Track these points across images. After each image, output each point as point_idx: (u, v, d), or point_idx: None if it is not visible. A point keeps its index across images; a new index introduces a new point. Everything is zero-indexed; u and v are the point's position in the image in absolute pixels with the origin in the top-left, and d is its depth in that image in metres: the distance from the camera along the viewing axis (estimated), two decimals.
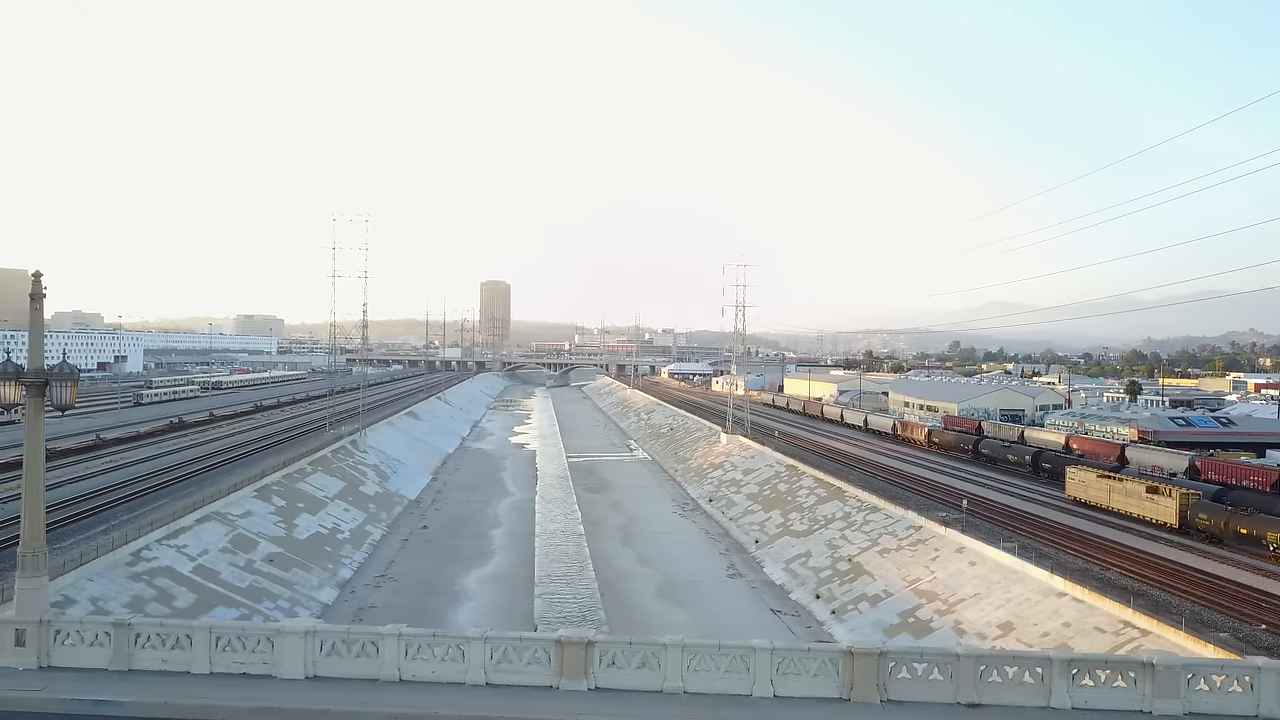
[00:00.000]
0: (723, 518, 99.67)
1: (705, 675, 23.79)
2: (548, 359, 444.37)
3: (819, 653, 24.35)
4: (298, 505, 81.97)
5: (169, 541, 57.76)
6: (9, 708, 21.17)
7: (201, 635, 23.98)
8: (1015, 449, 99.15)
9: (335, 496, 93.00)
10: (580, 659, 23.51)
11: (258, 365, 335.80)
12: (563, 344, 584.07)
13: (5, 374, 22.23)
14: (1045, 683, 23.31)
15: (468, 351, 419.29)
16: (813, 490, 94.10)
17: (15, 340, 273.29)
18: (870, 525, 76.10)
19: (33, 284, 23.80)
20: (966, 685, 23.04)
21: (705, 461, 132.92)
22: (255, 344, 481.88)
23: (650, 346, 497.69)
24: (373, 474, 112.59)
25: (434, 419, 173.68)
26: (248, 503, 75.94)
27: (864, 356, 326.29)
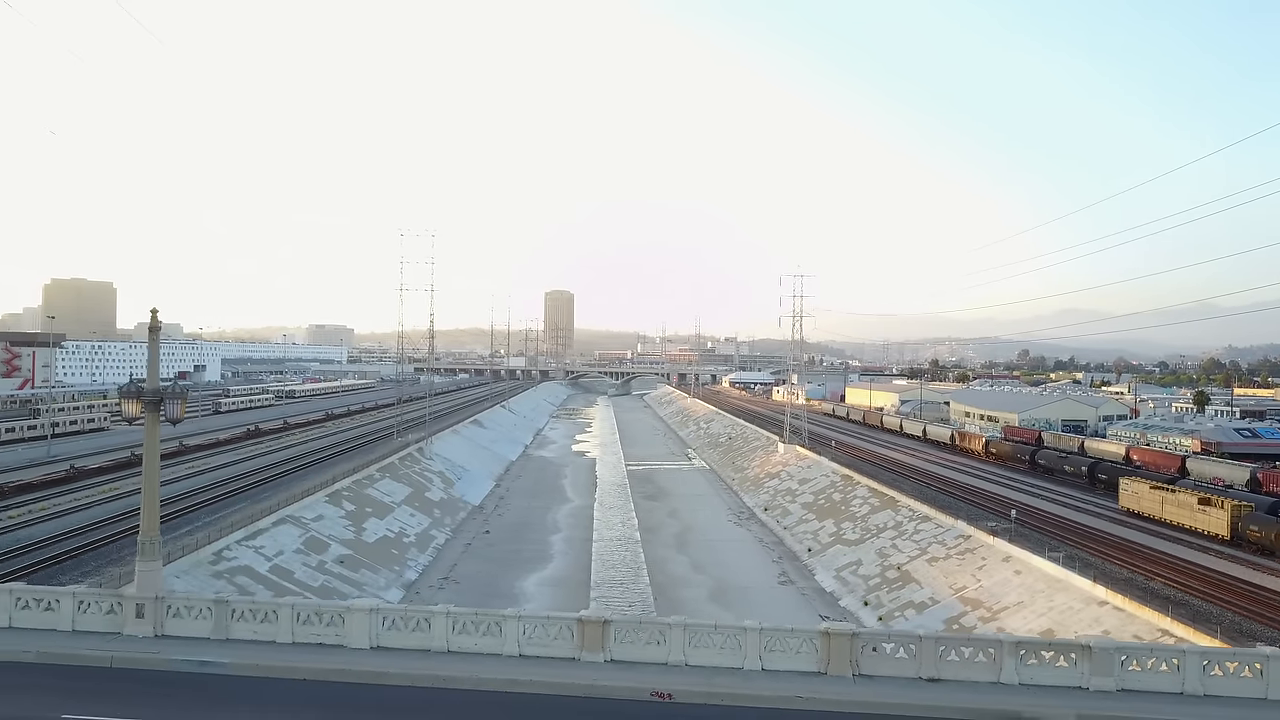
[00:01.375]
0: (777, 526, 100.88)
1: (704, 650, 27.10)
2: (610, 368, 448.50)
3: (800, 633, 27.40)
4: (366, 510, 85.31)
5: (248, 542, 61.27)
6: (133, 667, 25.43)
7: (285, 611, 28.20)
8: (1072, 460, 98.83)
9: (402, 502, 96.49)
10: (598, 635, 27.03)
11: (329, 374, 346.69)
12: (625, 352, 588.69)
13: (129, 393, 26.30)
14: (996, 662, 26.17)
15: (531, 360, 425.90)
16: (866, 500, 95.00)
17: (101, 351, 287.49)
18: (920, 534, 77.03)
19: (151, 319, 27.82)
20: (928, 663, 25.96)
21: (762, 471, 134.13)
22: (326, 353, 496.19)
23: (712, 355, 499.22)
24: (438, 480, 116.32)
25: (498, 427, 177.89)
26: (320, 507, 79.39)
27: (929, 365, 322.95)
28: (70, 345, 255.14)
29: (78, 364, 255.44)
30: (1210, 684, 25.47)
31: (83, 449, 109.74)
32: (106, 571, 42.29)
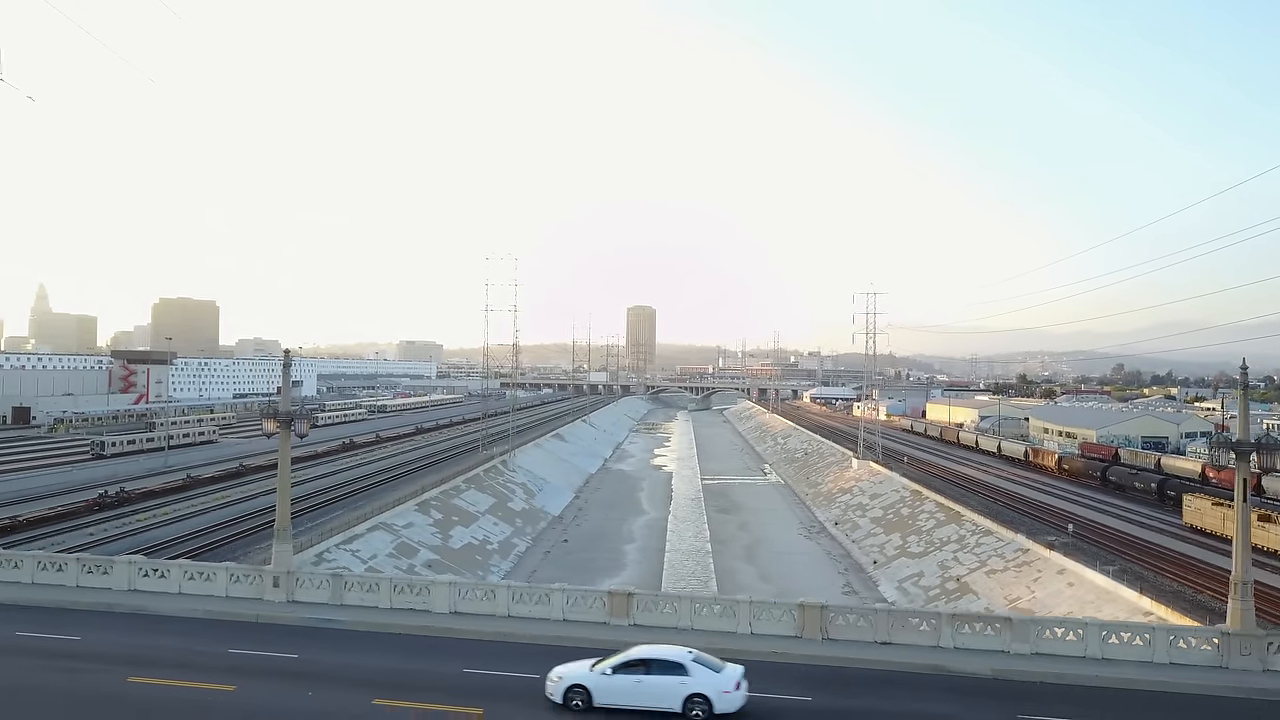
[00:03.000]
0: (845, 540, 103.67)
1: (707, 618, 33.11)
2: (690, 382, 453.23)
3: (781, 605, 33.05)
4: (453, 518, 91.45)
5: (345, 546, 67.66)
6: (272, 622, 32.57)
7: (385, 584, 35.53)
8: (1142, 476, 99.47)
9: (486, 511, 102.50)
10: (624, 605, 33.32)
11: (418, 389, 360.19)
12: (706, 367, 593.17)
13: (266, 413, 33.00)
14: (937, 630, 31.23)
15: (613, 375, 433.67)
16: (933, 514, 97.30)
17: (207, 368, 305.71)
18: (981, 548, 79.49)
19: (284, 355, 34.86)
20: (881, 630, 31.61)
21: (835, 486, 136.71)
22: (416, 369, 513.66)
23: (794, 369, 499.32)
24: (520, 491, 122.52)
25: (578, 441, 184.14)
26: (410, 515, 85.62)
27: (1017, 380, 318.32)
28: (179, 362, 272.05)
29: (186, 380, 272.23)
30: (1108, 650, 30.34)
31: (195, 460, 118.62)
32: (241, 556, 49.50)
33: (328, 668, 27.23)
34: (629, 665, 24.87)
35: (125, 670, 26.22)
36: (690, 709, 23.71)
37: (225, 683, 25.41)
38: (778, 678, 27.28)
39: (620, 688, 24.37)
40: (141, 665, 26.71)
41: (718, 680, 24.16)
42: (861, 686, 27.46)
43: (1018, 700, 25.67)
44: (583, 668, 25.23)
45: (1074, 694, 26.32)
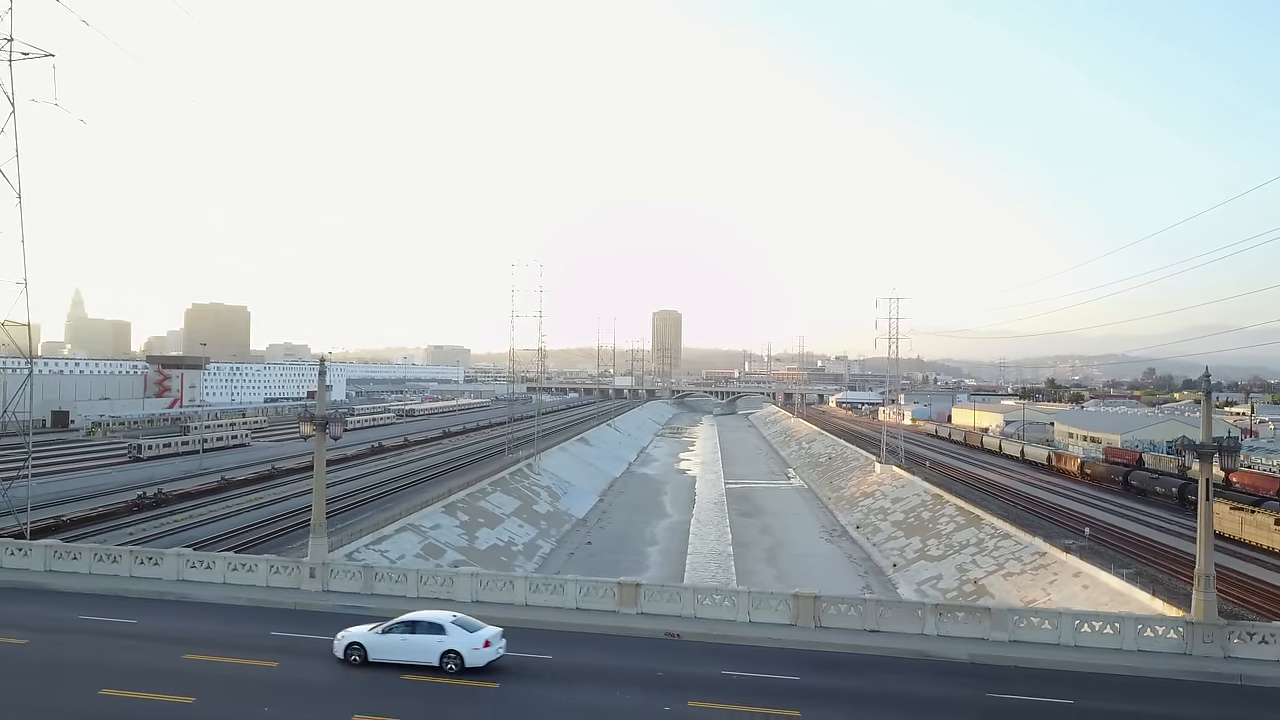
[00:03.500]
0: (866, 543, 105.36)
1: (709, 607, 35.55)
2: (716, 387, 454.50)
3: (778, 595, 35.80)
4: (479, 520, 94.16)
5: (374, 546, 70.36)
6: (308, 609, 35.71)
7: (412, 575, 38.47)
8: (1163, 481, 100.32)
9: (511, 514, 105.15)
10: (633, 594, 35.95)
11: (446, 394, 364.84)
12: (732, 371, 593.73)
13: (303, 417, 35.97)
14: (921, 619, 33.86)
15: (638, 380, 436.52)
16: (953, 518, 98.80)
17: (239, 372, 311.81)
18: (1000, 551, 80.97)
19: (320, 364, 37.90)
20: (870, 618, 34.28)
21: (858, 490, 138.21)
22: (444, 373, 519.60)
23: (821, 374, 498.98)
24: (545, 494, 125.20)
25: (603, 445, 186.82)
26: (437, 517, 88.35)
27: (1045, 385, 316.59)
28: (212, 367, 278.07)
29: (218, 384, 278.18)
30: (1080, 638, 32.63)
31: (229, 463, 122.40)
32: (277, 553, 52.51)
33: None
34: (397, 626, 28.95)
35: (180, 649, 29.24)
36: (445, 663, 27.68)
37: (269, 660, 28.40)
38: (771, 661, 29.74)
39: (388, 645, 28.36)
40: (194, 645, 29.72)
41: (470, 639, 28.11)
42: (849, 669, 29.89)
43: (992, 681, 27.95)
44: (362, 630, 29.22)
45: (1046, 677, 28.54)
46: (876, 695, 27.41)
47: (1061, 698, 26.35)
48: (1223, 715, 25.70)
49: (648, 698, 25.71)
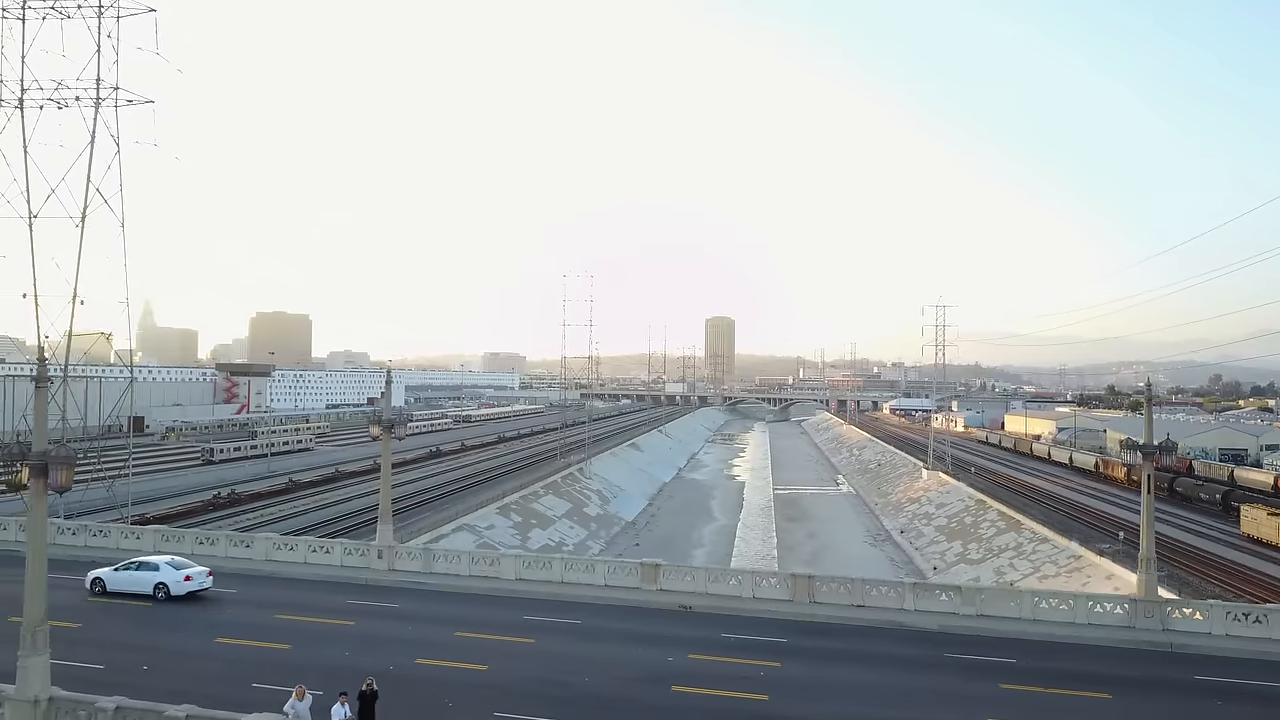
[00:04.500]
0: (909, 547, 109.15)
1: (719, 584, 40.95)
2: (769, 394, 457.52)
3: (778, 575, 41.33)
4: (531, 521, 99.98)
5: (432, 545, 76.96)
6: (377, 584, 42.11)
7: (465, 557, 45.01)
8: (1207, 487, 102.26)
9: (562, 516, 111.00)
10: (653, 573, 41.38)
11: (501, 400, 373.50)
12: (786, 378, 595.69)
13: (371, 420, 42.54)
14: (901, 596, 38.66)
15: (690, 386, 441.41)
16: (994, 523, 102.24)
17: (302, 379, 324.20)
18: (1037, 554, 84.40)
19: (387, 374, 44.39)
20: (857, 595, 39.38)
21: (904, 496, 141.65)
22: (500, 380, 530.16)
23: (876, 380, 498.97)
24: (595, 498, 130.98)
25: (654, 450, 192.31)
26: (491, 517, 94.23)
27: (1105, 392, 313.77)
28: (276, 374, 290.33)
29: (283, 391, 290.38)
30: (1039, 613, 37.23)
31: (295, 466, 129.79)
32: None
33: (421, 613, 36.52)
34: (128, 565, 39.45)
35: (273, 611, 35.90)
36: (157, 591, 37.84)
37: (347, 619, 34.77)
38: (766, 627, 35.40)
39: (119, 579, 38.65)
40: (284, 608, 36.34)
41: (175, 575, 38.35)
42: (831, 635, 35.42)
43: (952, 646, 33.11)
44: (105, 570, 39.39)
45: (1001, 643, 33.56)
46: (847, 652, 32.88)
47: (1008, 658, 31.43)
48: (1146, 674, 30.43)
49: (657, 651, 31.47)
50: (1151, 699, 27.90)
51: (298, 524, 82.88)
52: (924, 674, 30.08)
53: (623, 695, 26.86)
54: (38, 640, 22.61)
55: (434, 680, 27.55)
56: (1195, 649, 32.74)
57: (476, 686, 27.13)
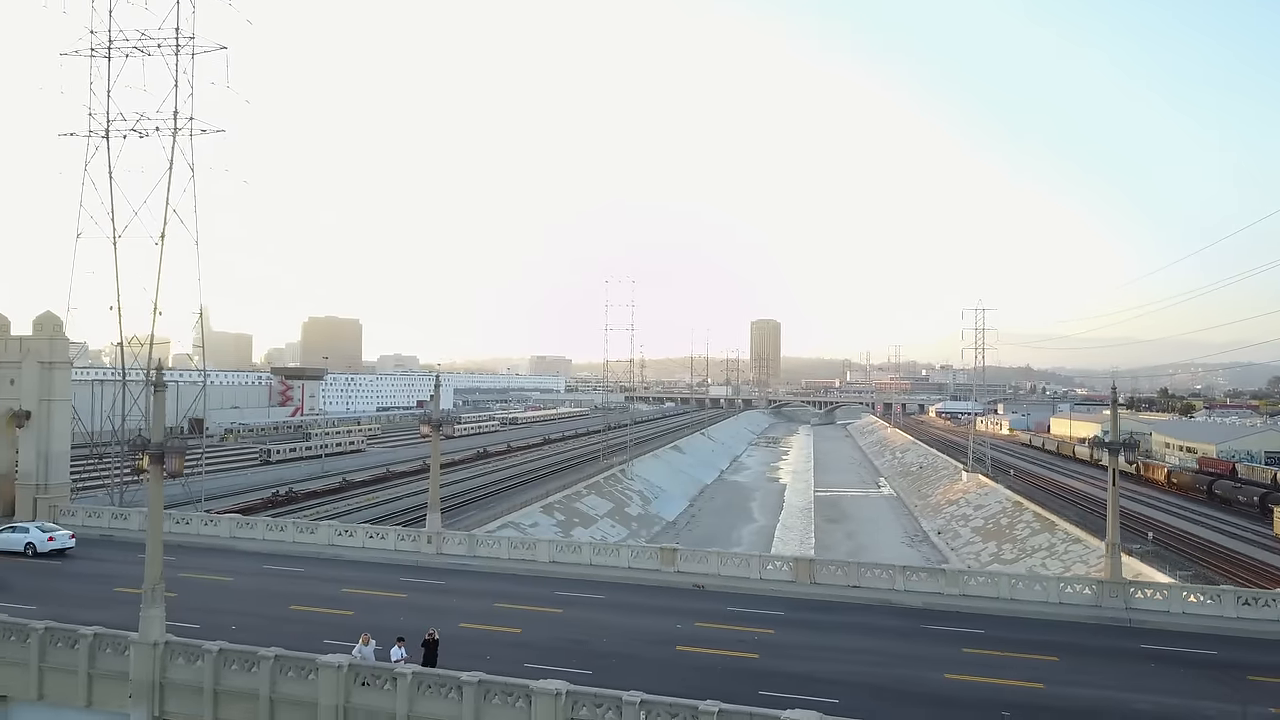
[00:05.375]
0: (945, 548, 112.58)
1: (731, 567, 45.75)
2: (814, 397, 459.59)
3: (783, 558, 46.17)
4: (574, 520, 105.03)
5: (476, 532, 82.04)
6: (426, 565, 47.71)
7: (504, 542, 50.75)
8: (1245, 490, 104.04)
9: (604, 515, 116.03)
10: (672, 557, 46.47)
11: (547, 403, 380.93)
12: (833, 381, 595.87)
13: (423, 420, 48.14)
14: (892, 578, 42.96)
15: (735, 390, 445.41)
16: (1029, 524, 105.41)
17: (353, 383, 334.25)
18: (1069, 554, 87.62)
19: (435, 378, 50.12)
20: (853, 576, 43.86)
21: (943, 498, 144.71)
22: (546, 383, 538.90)
23: (924, 383, 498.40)
24: (637, 498, 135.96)
25: (695, 453, 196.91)
26: (535, 515, 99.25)
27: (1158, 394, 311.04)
28: (329, 378, 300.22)
29: (335, 394, 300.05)
30: (1015, 593, 41.27)
31: (348, 466, 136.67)
32: None
33: (465, 589, 42.20)
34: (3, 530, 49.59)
35: (337, 586, 41.74)
36: (26, 549, 47.73)
37: (401, 593, 40.42)
38: (768, 603, 40.66)
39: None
40: (347, 584, 42.22)
41: (41, 536, 48.65)
42: (824, 609, 40.44)
43: (931, 619, 37.82)
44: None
45: (975, 617, 38.12)
46: (834, 624, 37.84)
47: (977, 630, 35.96)
48: (1097, 643, 34.74)
49: (667, 620, 36.71)
50: (1094, 662, 32.13)
51: (352, 520, 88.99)
52: (897, 640, 34.83)
53: (633, 653, 31.89)
54: (156, 596, 28.35)
55: (475, 640, 32.85)
56: (1153, 624, 36.82)
57: (510, 645, 32.40)
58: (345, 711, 26.36)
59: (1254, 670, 30.77)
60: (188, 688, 28.19)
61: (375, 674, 26.53)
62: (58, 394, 57.43)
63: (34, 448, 56.79)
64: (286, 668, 27.36)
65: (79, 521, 55.99)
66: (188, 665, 28.24)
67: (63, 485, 58.66)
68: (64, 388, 58.12)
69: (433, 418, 48.62)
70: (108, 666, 29.10)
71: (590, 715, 24.11)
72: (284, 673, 27.35)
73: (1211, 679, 30.27)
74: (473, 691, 25.09)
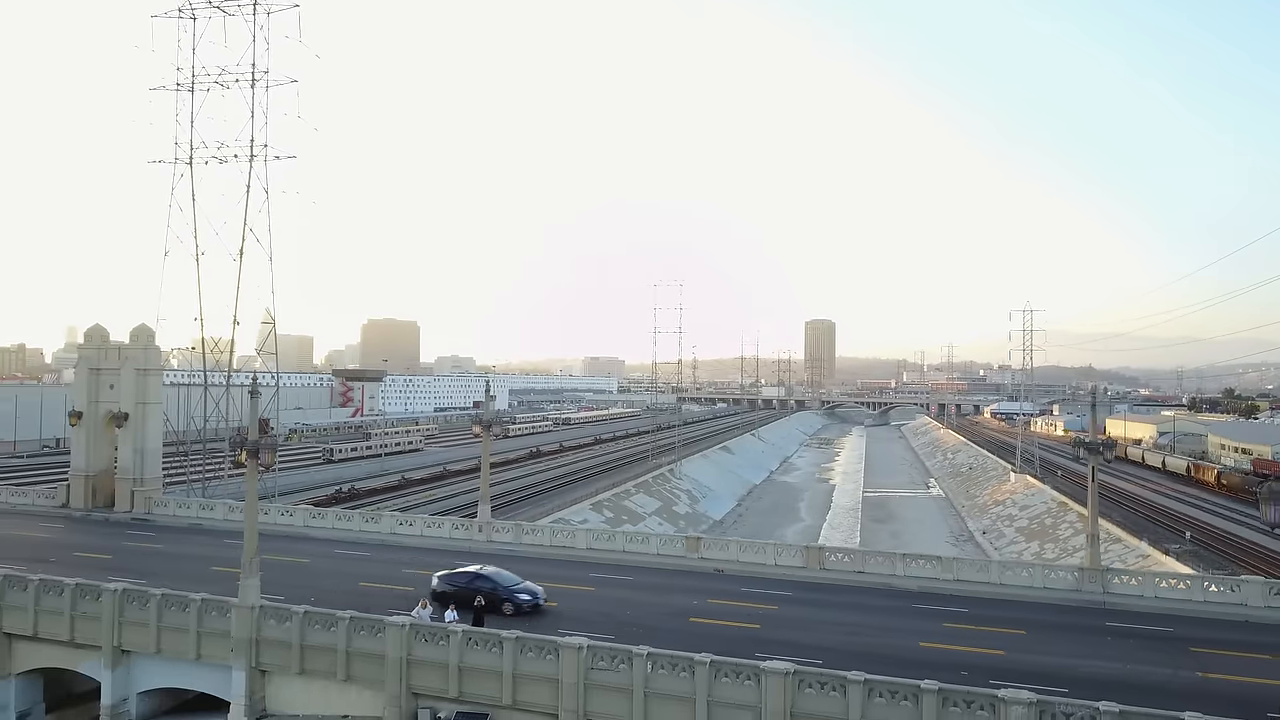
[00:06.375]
0: (989, 547, 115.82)
1: (750, 554, 51.03)
2: (869, 397, 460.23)
3: (794, 546, 50.73)
4: (622, 517, 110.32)
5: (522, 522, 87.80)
6: (476, 551, 54.00)
7: (546, 531, 56.72)
8: None
9: (652, 513, 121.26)
10: (696, 545, 51.93)
11: (600, 403, 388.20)
12: (888, 381, 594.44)
13: (475, 420, 54.24)
14: (894, 564, 47.78)
15: (789, 390, 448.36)
16: (1072, 524, 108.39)
17: (412, 384, 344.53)
18: (1108, 554, 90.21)
19: (486, 384, 56.24)
20: (858, 563, 49.01)
21: (991, 498, 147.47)
22: (599, 384, 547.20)
23: (981, 384, 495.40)
24: (685, 497, 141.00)
25: (745, 453, 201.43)
26: (585, 512, 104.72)
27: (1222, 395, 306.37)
28: (388, 379, 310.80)
29: (394, 395, 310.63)
30: (1005, 578, 45.74)
31: (407, 465, 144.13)
32: None
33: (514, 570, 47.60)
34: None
35: (399, 567, 48.22)
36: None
37: None
38: (778, 584, 46.26)
39: None
40: (407, 565, 48.65)
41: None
42: (827, 590, 45.81)
43: (923, 599, 42.85)
44: None
45: (963, 599, 43.04)
46: (833, 603, 43.11)
47: (962, 609, 40.83)
48: (1066, 621, 39.47)
49: (686, 598, 42.52)
50: (1056, 635, 36.89)
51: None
52: (886, 616, 40.05)
53: (652, 623, 37.44)
54: (253, 567, 34.69)
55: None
56: (1125, 606, 41.24)
57: (547, 615, 38.26)
58: (407, 662, 32.40)
59: (1199, 644, 35.08)
60: (279, 643, 34.55)
61: (432, 632, 32.47)
62: (151, 397, 65.08)
63: (131, 446, 64.45)
64: (360, 627, 33.44)
65: (170, 512, 63.62)
66: (279, 625, 34.55)
67: (156, 479, 66.29)
68: (156, 391, 65.75)
69: (482, 418, 54.66)
70: (213, 626, 35.58)
71: (607, 665, 29.79)
72: (357, 631, 33.46)
73: (1157, 650, 34.78)
74: (511, 646, 30.93)
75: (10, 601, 38.49)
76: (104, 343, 66.33)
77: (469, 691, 31.72)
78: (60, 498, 67.59)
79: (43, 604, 38.18)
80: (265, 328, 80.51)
